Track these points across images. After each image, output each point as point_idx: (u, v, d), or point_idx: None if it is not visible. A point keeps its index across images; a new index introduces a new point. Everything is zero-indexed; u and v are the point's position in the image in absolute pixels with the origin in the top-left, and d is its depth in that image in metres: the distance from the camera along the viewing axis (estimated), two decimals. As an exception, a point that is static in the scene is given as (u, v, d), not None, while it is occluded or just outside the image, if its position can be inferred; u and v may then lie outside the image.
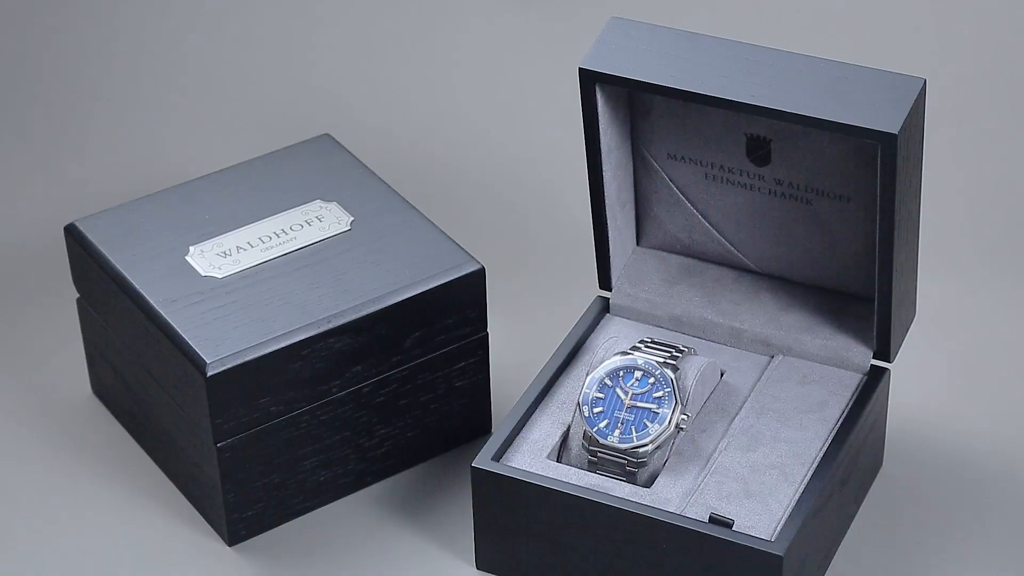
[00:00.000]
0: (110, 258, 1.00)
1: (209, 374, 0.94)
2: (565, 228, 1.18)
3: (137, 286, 0.99)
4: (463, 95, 1.28)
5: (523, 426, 0.97)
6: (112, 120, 1.28)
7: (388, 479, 1.02)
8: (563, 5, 1.29)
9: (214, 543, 0.99)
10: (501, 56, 1.30)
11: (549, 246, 1.17)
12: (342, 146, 1.08)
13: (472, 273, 1.00)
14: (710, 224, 1.02)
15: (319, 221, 1.03)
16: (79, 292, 1.05)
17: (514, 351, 1.09)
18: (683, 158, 1.00)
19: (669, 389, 0.94)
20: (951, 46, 1.26)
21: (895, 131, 0.89)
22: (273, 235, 1.02)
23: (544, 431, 0.97)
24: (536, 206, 1.20)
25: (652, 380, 0.94)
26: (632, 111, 0.99)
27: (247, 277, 0.99)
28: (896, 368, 1.04)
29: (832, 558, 0.97)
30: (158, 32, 1.32)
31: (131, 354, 1.01)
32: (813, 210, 0.98)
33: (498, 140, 1.25)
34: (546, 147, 1.25)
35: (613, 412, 0.94)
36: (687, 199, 1.01)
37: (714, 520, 0.90)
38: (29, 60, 1.31)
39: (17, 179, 1.24)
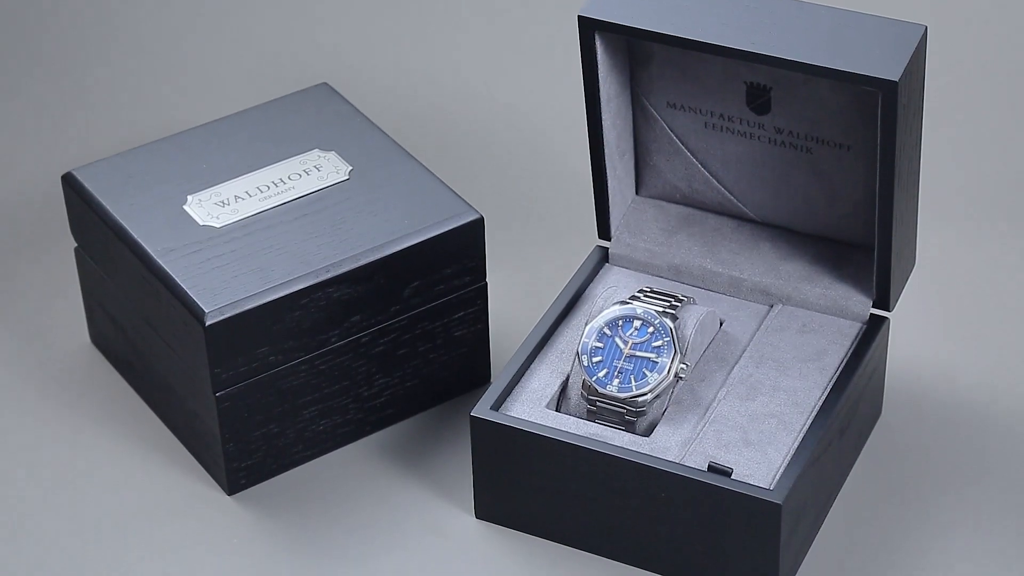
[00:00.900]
0: (108, 207, 1.00)
1: (208, 323, 0.94)
2: (564, 177, 1.18)
3: (135, 235, 0.98)
4: (462, 43, 1.28)
5: (522, 376, 0.97)
6: (110, 69, 1.28)
7: (387, 429, 1.03)
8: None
9: (213, 492, 0.99)
10: (501, 4, 1.29)
11: (548, 196, 1.17)
12: (340, 95, 1.08)
13: (471, 223, 1.00)
14: (709, 173, 1.01)
15: (317, 170, 1.02)
16: (77, 242, 1.05)
17: (513, 301, 1.09)
18: (683, 107, 0.99)
19: (668, 338, 0.94)
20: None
21: (895, 78, 0.88)
22: (271, 184, 1.02)
23: (543, 381, 0.97)
24: (535, 155, 1.20)
25: (651, 329, 0.94)
26: (631, 59, 0.99)
27: (245, 226, 0.99)
28: (895, 317, 1.04)
29: (831, 506, 0.97)
30: (155, -19, 1.32)
31: (130, 304, 1.01)
32: (813, 159, 0.98)
33: (497, 89, 1.25)
34: (545, 96, 1.24)
35: (612, 361, 0.94)
36: (686, 148, 1.01)
37: (713, 469, 0.90)
38: (27, 9, 1.31)
39: (14, 128, 1.23)
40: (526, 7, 1.29)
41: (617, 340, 0.94)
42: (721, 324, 0.99)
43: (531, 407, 0.95)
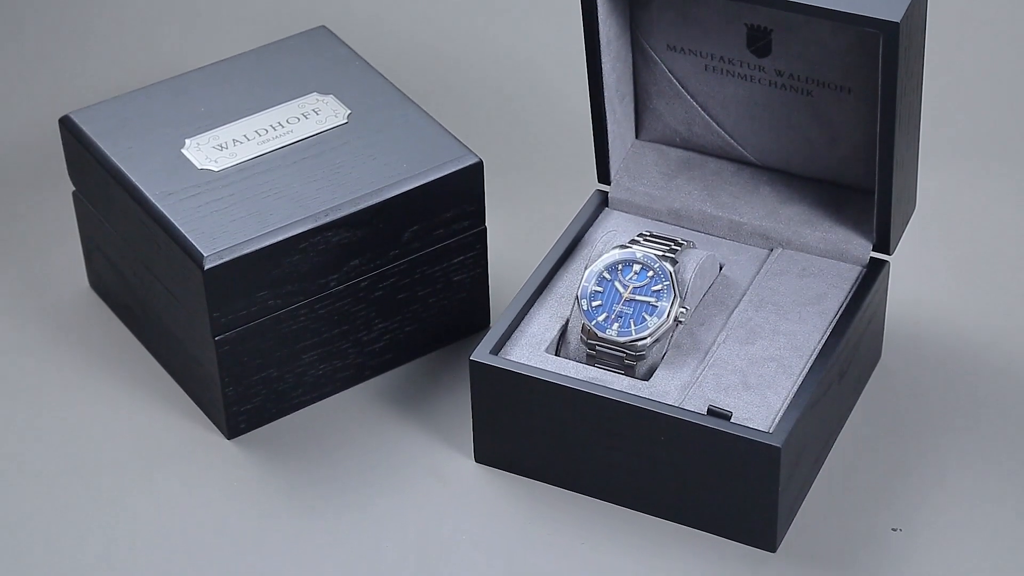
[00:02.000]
0: (106, 151, 1.00)
1: (207, 267, 0.94)
2: (564, 121, 1.17)
3: (133, 179, 0.98)
4: (461, -12, 1.27)
5: (521, 320, 0.97)
6: (107, 12, 1.27)
7: (386, 373, 1.03)
8: None
9: (213, 436, 0.99)
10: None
11: (548, 140, 1.17)
12: (338, 38, 1.08)
13: (470, 166, 0.99)
14: (710, 116, 1.01)
15: (316, 114, 1.02)
16: (75, 185, 1.05)
17: (512, 245, 1.09)
18: (683, 49, 0.99)
19: (668, 282, 0.94)
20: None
21: (897, 20, 0.88)
22: (270, 128, 1.01)
23: (543, 325, 0.97)
24: (535, 99, 1.20)
25: (651, 273, 0.94)
26: (631, 1, 0.98)
27: (244, 170, 0.99)
28: (895, 260, 1.04)
29: (830, 450, 0.97)
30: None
31: (128, 248, 1.01)
32: (813, 101, 0.97)
33: (497, 33, 1.25)
34: (545, 39, 1.24)
35: (612, 305, 0.94)
36: (687, 91, 1.01)
37: (712, 412, 0.91)
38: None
39: (12, 71, 1.23)
40: (525, -50, 1.28)
41: (617, 284, 0.94)
42: (721, 268, 0.99)
43: (530, 351, 0.95)
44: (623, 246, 0.95)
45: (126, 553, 0.93)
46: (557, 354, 0.96)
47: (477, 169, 1.00)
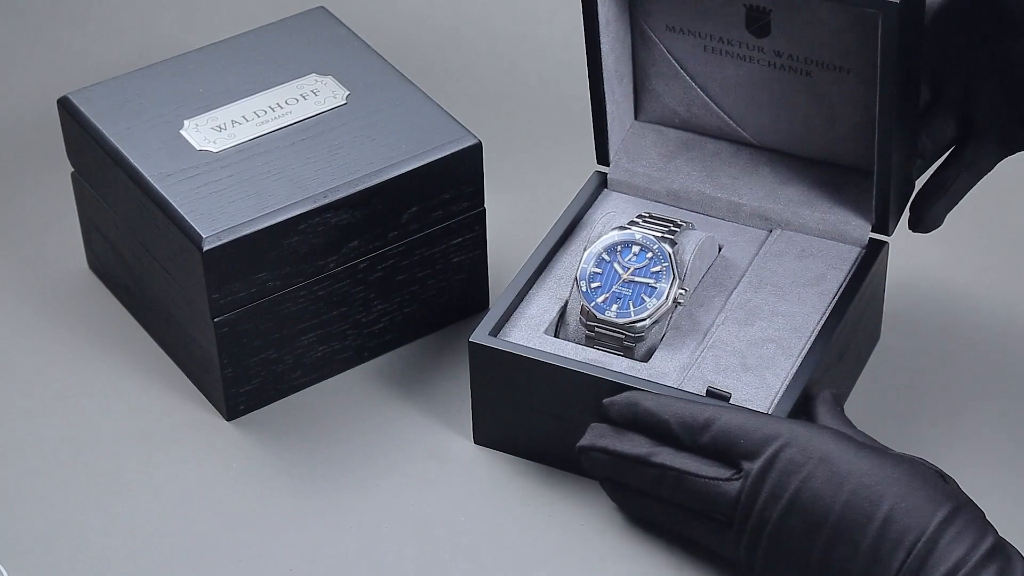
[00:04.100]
0: (104, 132, 1.00)
1: (205, 249, 0.94)
2: (563, 102, 1.17)
3: (132, 160, 0.98)
4: (460, -32, 1.27)
5: (520, 301, 0.97)
6: (105, -6, 1.27)
7: (386, 355, 1.03)
8: None
9: (212, 418, 0.99)
10: (498, -71, 1.29)
11: (547, 121, 1.17)
12: (337, 19, 1.07)
13: (469, 147, 0.99)
14: (709, 97, 1.01)
15: (315, 95, 1.02)
16: (73, 166, 1.04)
17: (511, 226, 1.09)
18: (682, 30, 0.99)
19: (667, 263, 0.94)
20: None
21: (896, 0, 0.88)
22: (268, 109, 1.01)
23: (541, 306, 0.96)
24: (534, 80, 1.20)
25: (650, 255, 0.94)
26: (630, -18, 0.98)
27: (243, 151, 0.99)
28: (895, 241, 1.04)
29: (829, 431, 0.97)
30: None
31: (127, 229, 1.01)
32: (812, 82, 0.97)
33: (496, 14, 1.24)
34: (544, 20, 1.23)
35: (611, 287, 0.94)
36: (686, 72, 1.00)
37: (711, 394, 0.91)
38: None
39: (10, 51, 1.23)
40: (524, -70, 1.28)
41: (616, 265, 0.94)
42: (720, 249, 0.99)
43: (529, 333, 0.95)
44: (622, 227, 0.95)
45: (125, 534, 0.93)
46: (556, 336, 0.96)
47: (476, 150, 1.00)
